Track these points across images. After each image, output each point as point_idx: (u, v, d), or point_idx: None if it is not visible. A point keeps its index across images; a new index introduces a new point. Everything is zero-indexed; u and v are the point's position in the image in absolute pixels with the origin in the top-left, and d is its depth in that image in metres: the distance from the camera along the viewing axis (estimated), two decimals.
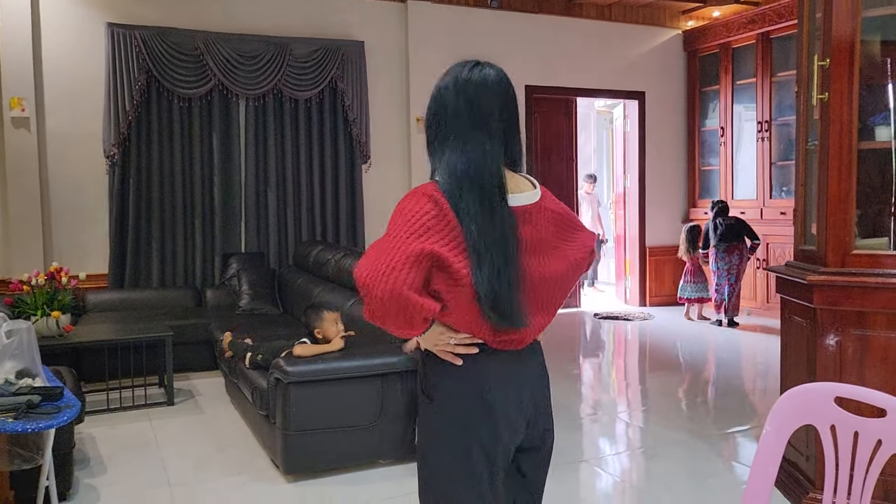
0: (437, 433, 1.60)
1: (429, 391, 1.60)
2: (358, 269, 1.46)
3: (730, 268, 6.90)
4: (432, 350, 1.59)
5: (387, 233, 1.47)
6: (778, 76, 7.16)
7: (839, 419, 1.82)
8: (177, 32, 5.90)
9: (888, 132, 2.91)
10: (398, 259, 1.42)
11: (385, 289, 1.40)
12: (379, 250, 1.44)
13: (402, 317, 1.45)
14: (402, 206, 1.51)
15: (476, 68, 1.62)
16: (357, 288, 1.46)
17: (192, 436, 3.99)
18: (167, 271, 6.01)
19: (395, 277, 1.41)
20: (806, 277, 2.92)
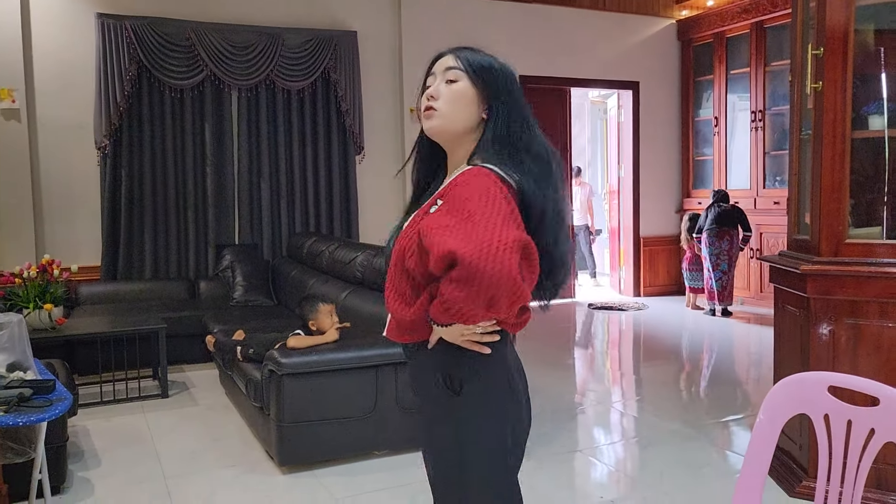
0: (469, 428, 1.52)
1: (455, 385, 1.52)
2: (447, 245, 1.32)
3: (719, 253, 6.88)
4: (456, 342, 1.50)
5: (470, 214, 1.36)
6: (772, 66, 7.16)
7: (832, 408, 1.83)
8: (168, 22, 5.85)
9: (881, 121, 2.91)
10: (507, 240, 1.32)
11: (500, 268, 1.29)
12: (468, 228, 1.33)
13: (510, 300, 1.33)
14: (480, 186, 1.41)
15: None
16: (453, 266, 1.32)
17: (187, 428, 3.98)
18: (160, 263, 5.99)
19: (509, 258, 1.30)
20: (799, 267, 2.93)
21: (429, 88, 1.59)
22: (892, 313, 2.77)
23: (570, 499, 3.11)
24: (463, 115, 1.55)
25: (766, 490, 2.39)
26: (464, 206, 1.38)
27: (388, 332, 1.63)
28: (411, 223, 1.55)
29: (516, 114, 1.57)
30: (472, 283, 1.31)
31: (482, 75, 1.57)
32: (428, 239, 1.39)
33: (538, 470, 3.34)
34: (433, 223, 1.41)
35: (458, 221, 1.36)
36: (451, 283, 1.33)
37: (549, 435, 3.79)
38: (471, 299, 1.32)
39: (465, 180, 1.46)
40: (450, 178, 1.56)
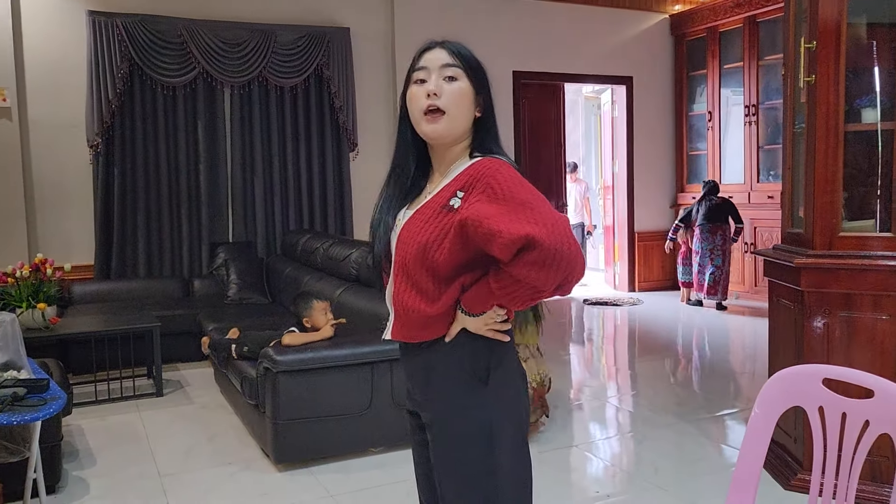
0: (498, 414, 1.56)
1: (481, 374, 1.55)
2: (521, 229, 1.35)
3: (713, 248, 6.93)
4: (480, 332, 1.53)
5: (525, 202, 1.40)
6: (765, 60, 7.16)
7: (827, 401, 1.83)
8: (159, 20, 5.83)
9: (874, 114, 2.91)
10: (565, 220, 1.40)
11: (575, 249, 1.37)
12: (542, 214, 1.38)
13: (578, 278, 1.41)
14: (512, 175, 1.45)
15: None
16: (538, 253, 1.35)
17: (182, 426, 3.97)
18: (154, 261, 5.97)
19: (576, 239, 1.39)
20: (793, 260, 2.93)
21: (425, 84, 1.53)
22: (886, 306, 2.78)
23: (566, 494, 3.11)
24: (465, 114, 1.55)
25: (762, 483, 2.39)
26: (511, 194, 1.41)
27: (393, 334, 1.60)
28: (424, 217, 1.51)
29: (493, 111, 1.61)
30: (552, 264, 1.36)
31: (476, 72, 1.57)
32: (485, 227, 1.39)
33: (534, 465, 3.33)
34: (482, 212, 1.41)
35: (514, 208, 1.39)
36: (527, 265, 1.37)
37: (546, 430, 3.79)
38: (550, 279, 1.38)
39: (492, 170, 1.46)
40: (456, 171, 1.53)
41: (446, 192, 1.52)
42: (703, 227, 6.93)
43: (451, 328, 1.54)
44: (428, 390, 1.60)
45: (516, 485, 1.60)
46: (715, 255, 6.91)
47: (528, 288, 1.41)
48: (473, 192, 1.46)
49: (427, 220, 1.51)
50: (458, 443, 1.57)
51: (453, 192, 1.50)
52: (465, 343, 1.55)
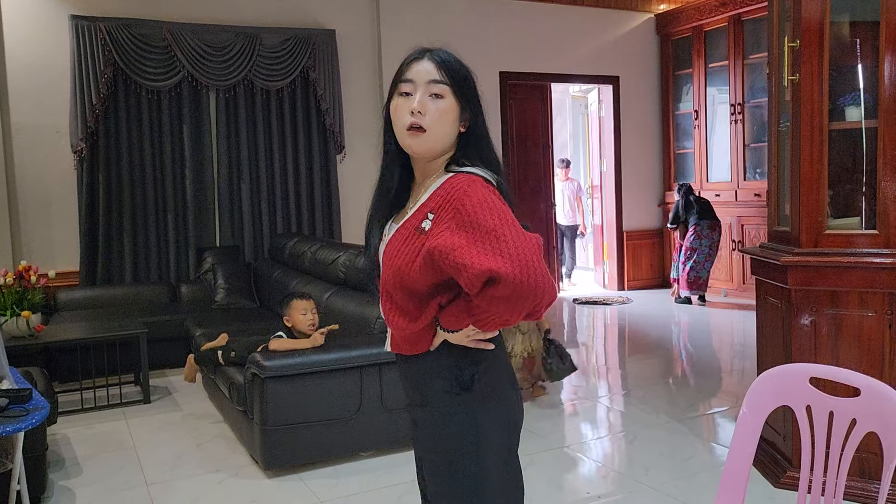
0: (483, 423, 1.55)
1: (466, 382, 1.55)
2: (486, 264, 1.33)
3: (712, 244, 7.01)
4: (462, 342, 1.53)
5: (491, 230, 1.37)
6: (750, 59, 7.20)
7: (814, 399, 1.83)
8: (143, 23, 5.79)
9: (858, 112, 2.92)
10: (534, 249, 1.38)
11: (543, 280, 1.36)
12: (507, 245, 1.35)
13: (549, 304, 1.41)
14: (483, 197, 1.42)
15: None
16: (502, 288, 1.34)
17: (170, 433, 3.94)
18: (140, 267, 5.93)
19: (543, 266, 1.37)
20: (780, 258, 2.94)
21: (410, 98, 1.51)
22: (872, 303, 2.79)
23: (558, 496, 3.10)
24: (449, 131, 1.53)
25: (752, 481, 2.39)
26: (478, 222, 1.39)
27: (392, 346, 1.63)
28: (401, 239, 1.52)
29: (482, 116, 1.58)
30: (518, 298, 1.36)
31: (464, 87, 1.53)
32: (451, 259, 1.39)
33: (526, 467, 3.31)
34: (449, 242, 1.40)
35: (480, 237, 1.38)
36: (493, 300, 1.38)
37: (538, 430, 3.79)
38: (516, 311, 1.39)
39: (460, 191, 1.44)
40: (432, 188, 1.52)
41: (420, 212, 1.51)
42: (701, 224, 6.98)
43: (434, 340, 1.55)
44: (417, 397, 1.63)
45: (505, 493, 1.59)
46: (713, 250, 7.02)
47: (496, 317, 1.42)
48: (442, 216, 1.45)
49: (403, 242, 1.51)
50: (444, 450, 1.58)
51: (425, 213, 1.49)
52: (448, 353, 1.55)
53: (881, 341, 2.78)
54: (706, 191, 7.64)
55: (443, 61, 1.52)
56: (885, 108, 2.76)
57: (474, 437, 1.55)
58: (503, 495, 1.59)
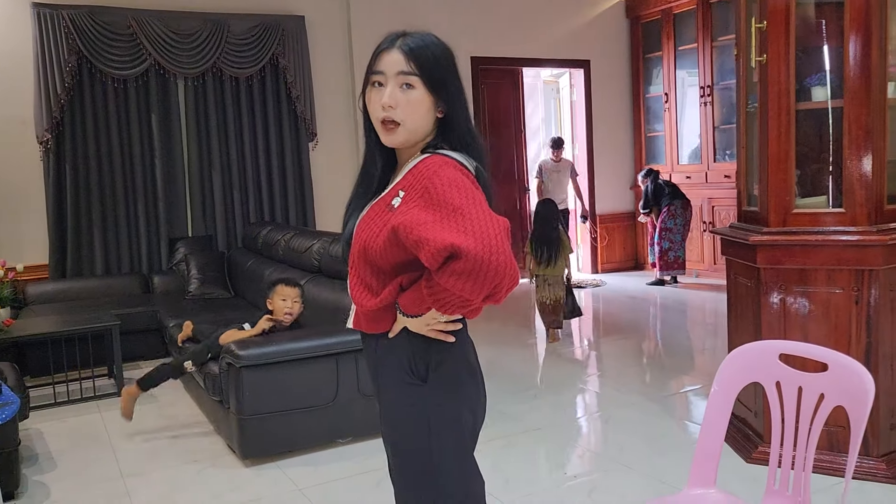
0: (436, 412, 1.54)
1: (420, 373, 1.54)
2: (455, 239, 1.31)
3: (685, 223, 7.12)
4: (422, 332, 1.52)
5: (457, 207, 1.35)
6: (718, 41, 7.26)
7: (784, 375, 1.87)
8: (107, 11, 5.67)
9: (824, 92, 2.97)
10: (499, 229, 1.34)
11: (505, 259, 1.32)
12: (471, 222, 1.33)
13: (510, 288, 1.36)
14: (451, 177, 1.41)
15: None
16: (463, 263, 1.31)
17: (145, 426, 3.90)
18: (111, 258, 5.85)
19: (507, 247, 1.33)
20: (749, 238, 2.98)
21: (382, 89, 1.50)
22: (839, 280, 2.85)
23: (534, 476, 3.14)
24: (424, 121, 1.52)
25: (724, 457, 2.44)
26: (445, 200, 1.38)
27: (353, 322, 1.63)
28: (372, 215, 1.53)
29: (462, 100, 1.56)
30: (478, 275, 1.32)
31: (436, 75, 1.50)
32: (414, 234, 1.37)
33: (503, 449, 3.37)
34: (413, 218, 1.38)
35: (446, 215, 1.36)
36: (453, 275, 1.33)
37: (513, 414, 3.82)
38: (476, 290, 1.34)
39: (431, 171, 1.43)
40: (406, 168, 1.52)
41: (393, 190, 1.52)
42: (675, 204, 7.08)
43: (394, 326, 1.54)
44: (376, 383, 1.63)
45: (463, 484, 1.58)
46: (687, 229, 7.12)
47: (456, 297, 1.38)
48: (412, 194, 1.44)
49: (373, 218, 1.52)
50: (399, 438, 1.59)
51: (397, 191, 1.49)
52: (405, 341, 1.54)
53: (848, 317, 2.84)
54: (677, 173, 7.73)
55: (412, 50, 1.48)
56: (850, 88, 2.81)
57: (427, 427, 1.54)
58: (461, 486, 1.58)
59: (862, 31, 2.76)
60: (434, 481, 1.55)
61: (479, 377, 1.64)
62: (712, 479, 1.94)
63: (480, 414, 1.65)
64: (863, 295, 2.81)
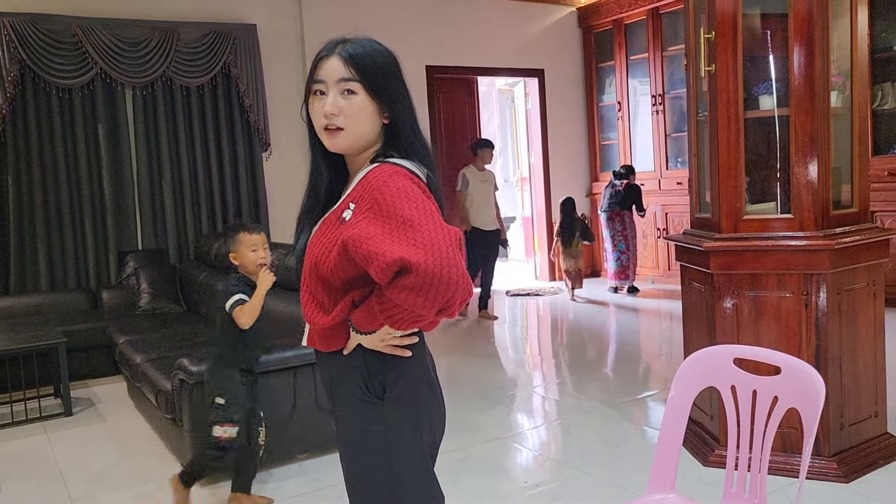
0: (393, 428, 1.50)
1: (376, 389, 1.50)
2: (405, 253, 1.28)
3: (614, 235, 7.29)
4: (376, 348, 1.48)
5: (406, 220, 1.32)
6: (669, 50, 7.40)
7: (738, 379, 1.90)
8: (51, 19, 5.52)
9: (771, 101, 3.04)
10: (450, 239, 1.31)
11: (456, 271, 1.29)
12: (422, 234, 1.30)
13: (464, 300, 1.34)
14: (400, 187, 1.37)
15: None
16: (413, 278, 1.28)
17: (94, 446, 3.78)
18: (57, 273, 5.66)
19: (459, 259, 1.31)
20: (702, 244, 3.03)
21: (323, 96, 1.47)
22: (789, 284, 2.91)
23: (495, 486, 3.12)
24: (368, 127, 1.49)
25: (682, 461, 2.47)
26: (394, 211, 1.34)
27: (308, 340, 1.59)
28: (324, 229, 1.49)
29: (408, 105, 1.53)
30: (429, 289, 1.29)
31: (378, 81, 1.47)
32: (363, 249, 1.34)
33: (464, 459, 3.35)
34: (363, 232, 1.35)
35: (395, 227, 1.33)
36: (404, 290, 1.31)
37: (474, 423, 3.80)
38: (427, 304, 1.32)
39: (380, 181, 1.40)
40: (357, 179, 1.49)
41: (344, 202, 1.48)
42: (604, 214, 7.24)
43: (349, 342, 1.50)
44: (332, 401, 1.59)
45: (420, 501, 1.56)
46: (617, 240, 7.20)
47: (408, 312, 1.35)
48: (361, 206, 1.41)
49: (325, 233, 1.48)
50: (355, 458, 1.55)
51: (348, 203, 1.46)
52: (359, 358, 1.51)
53: (798, 320, 2.91)
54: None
55: (351, 56, 1.46)
56: (795, 97, 2.88)
57: (385, 445, 1.50)
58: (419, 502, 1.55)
59: (805, 42, 2.84)
60: (392, 500, 1.52)
61: (437, 391, 1.61)
62: (671, 484, 1.95)
63: (440, 428, 1.62)
64: (811, 298, 2.88)
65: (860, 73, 3.06)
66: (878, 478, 2.89)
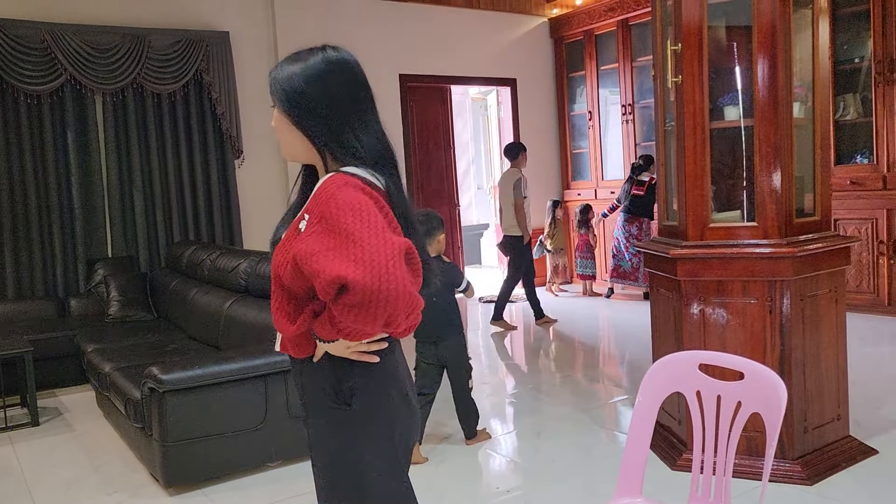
0: (363, 436, 1.51)
1: (345, 396, 1.50)
2: (337, 270, 1.29)
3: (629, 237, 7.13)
4: (342, 355, 1.49)
5: (349, 234, 1.32)
6: (638, 61, 7.52)
7: (703, 384, 1.94)
8: (19, 24, 5.45)
9: (736, 111, 3.11)
10: (392, 253, 1.30)
11: (395, 287, 1.28)
12: (363, 249, 1.30)
13: (408, 314, 1.34)
14: (346, 199, 1.37)
15: (334, 51, 1.54)
16: (352, 296, 1.29)
17: (62, 457, 3.72)
18: (24, 281, 5.58)
19: (400, 273, 1.29)
20: (669, 252, 3.09)
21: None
22: (754, 290, 2.97)
23: (468, 492, 3.14)
24: (292, 140, 1.54)
25: (651, 466, 2.50)
26: (338, 225, 1.35)
27: (280, 346, 1.60)
28: (286, 239, 1.51)
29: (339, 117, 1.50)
30: (369, 307, 1.29)
31: (290, 100, 1.49)
32: (308, 265, 1.35)
33: (436, 466, 3.36)
34: (309, 247, 1.36)
35: (340, 242, 1.33)
36: (345, 307, 1.31)
37: (446, 430, 3.81)
38: (368, 321, 1.32)
39: (328, 193, 1.41)
40: (314, 190, 1.51)
41: (302, 213, 1.50)
42: (623, 215, 7.18)
43: (317, 351, 1.52)
44: (304, 408, 1.61)
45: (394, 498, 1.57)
46: (631, 244, 7.21)
47: (349, 327, 1.37)
48: (313, 218, 1.43)
49: (285, 243, 1.50)
50: (326, 465, 1.56)
51: (304, 214, 1.48)
52: (330, 364, 1.52)
53: (763, 326, 2.97)
54: (602, 188, 7.94)
55: (273, 79, 1.52)
56: (759, 108, 2.95)
57: (354, 454, 1.51)
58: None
59: (769, 55, 2.91)
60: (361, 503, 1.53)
61: (410, 397, 1.61)
62: (638, 489, 1.99)
63: (413, 435, 1.63)
64: (776, 305, 2.94)
65: (822, 84, 3.14)
66: (841, 479, 2.96)
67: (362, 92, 1.53)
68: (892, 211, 5.65)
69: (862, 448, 3.17)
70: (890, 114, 5.59)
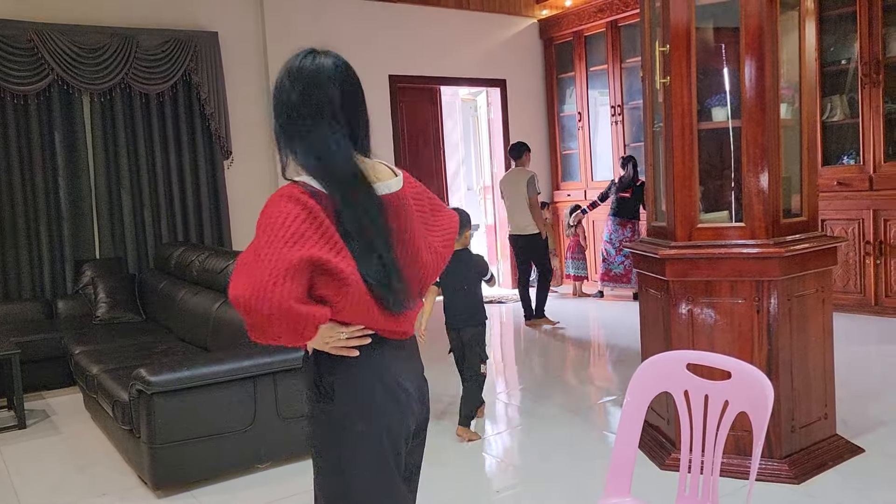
0: (344, 431, 1.52)
1: (326, 390, 1.52)
2: (234, 288, 1.35)
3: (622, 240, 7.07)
4: (323, 349, 1.52)
5: (255, 245, 1.39)
6: (627, 62, 7.54)
7: (691, 384, 1.95)
8: (5, 24, 5.41)
9: (724, 112, 3.13)
10: (277, 271, 1.33)
11: (271, 305, 1.32)
12: (252, 265, 1.36)
13: (293, 330, 1.37)
14: (268, 213, 1.41)
15: (309, 57, 1.54)
16: (237, 309, 1.36)
17: (49, 459, 3.70)
18: (10, 283, 5.53)
19: (280, 291, 1.33)
20: (658, 252, 3.10)
21: None
22: (742, 291, 2.99)
23: (459, 493, 3.14)
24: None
25: (640, 465, 2.51)
26: (256, 240, 1.41)
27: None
28: None
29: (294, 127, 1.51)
30: (253, 324, 1.36)
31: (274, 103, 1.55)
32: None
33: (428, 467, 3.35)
34: (239, 261, 1.42)
35: (252, 258, 1.39)
36: (246, 324, 1.38)
37: (437, 431, 3.80)
38: (257, 335, 1.38)
39: (265, 205, 1.45)
40: None
41: None
42: (613, 219, 7.14)
43: (308, 344, 1.55)
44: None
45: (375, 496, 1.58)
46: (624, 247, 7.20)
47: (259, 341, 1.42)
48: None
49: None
50: (314, 461, 1.60)
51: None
52: (315, 360, 1.56)
53: (750, 325, 2.99)
54: (591, 189, 7.96)
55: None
56: (746, 109, 2.97)
57: (335, 452, 1.54)
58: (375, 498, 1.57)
59: (756, 56, 2.93)
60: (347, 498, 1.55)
61: (398, 395, 1.58)
62: (627, 488, 1.99)
63: (403, 434, 1.60)
64: (763, 304, 2.96)
65: (809, 86, 3.17)
66: (828, 478, 2.98)
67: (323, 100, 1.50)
68: (879, 211, 5.70)
69: (849, 447, 3.20)
70: (876, 115, 5.63)
